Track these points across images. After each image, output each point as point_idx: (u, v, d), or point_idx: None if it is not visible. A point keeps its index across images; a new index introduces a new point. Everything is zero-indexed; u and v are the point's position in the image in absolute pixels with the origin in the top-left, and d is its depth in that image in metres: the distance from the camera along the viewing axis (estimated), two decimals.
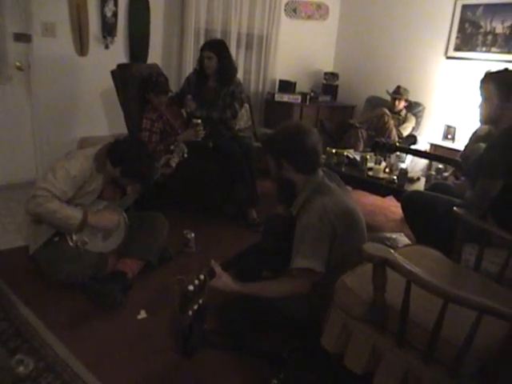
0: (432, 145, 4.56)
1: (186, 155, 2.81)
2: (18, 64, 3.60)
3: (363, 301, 1.43)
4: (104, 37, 3.96)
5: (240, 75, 3.80)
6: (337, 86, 5.52)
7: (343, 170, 3.54)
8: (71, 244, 2.23)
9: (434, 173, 3.29)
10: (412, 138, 4.51)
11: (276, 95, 4.94)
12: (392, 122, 4.43)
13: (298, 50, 5.39)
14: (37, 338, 1.93)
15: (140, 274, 2.40)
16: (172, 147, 2.82)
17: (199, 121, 3.18)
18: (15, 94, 3.69)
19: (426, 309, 1.33)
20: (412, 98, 4.67)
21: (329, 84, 5.52)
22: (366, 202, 4.13)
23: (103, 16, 3.91)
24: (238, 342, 1.92)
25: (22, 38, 3.56)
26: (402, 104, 4.57)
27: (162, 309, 2.20)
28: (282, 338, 1.92)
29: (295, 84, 5.11)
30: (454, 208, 1.93)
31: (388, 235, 3.28)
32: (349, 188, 2.85)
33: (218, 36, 4.52)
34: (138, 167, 2.32)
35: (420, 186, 3.27)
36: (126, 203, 2.45)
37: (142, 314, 2.15)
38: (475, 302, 1.15)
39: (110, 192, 2.41)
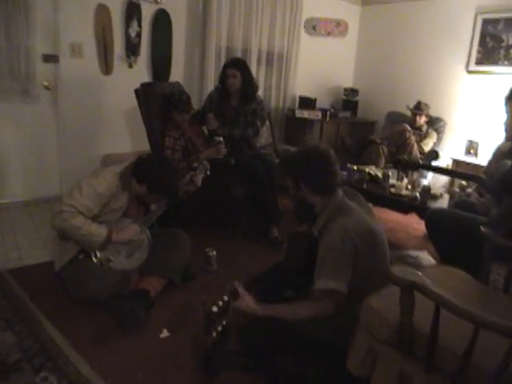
0: (454, 160, 4.51)
1: (208, 173, 2.83)
2: (45, 84, 3.71)
3: (390, 323, 1.41)
4: (128, 56, 4.05)
5: (260, 92, 3.84)
6: (357, 102, 5.53)
7: (364, 186, 3.52)
8: (95, 261, 2.26)
9: (457, 189, 3.25)
10: (433, 154, 4.47)
11: (296, 111, 4.96)
12: (413, 138, 4.39)
13: (318, 67, 5.42)
14: (61, 356, 1.95)
15: (162, 292, 2.40)
16: (195, 165, 2.85)
17: (221, 138, 3.20)
18: (42, 112, 3.79)
19: (455, 332, 1.30)
20: (433, 113, 4.64)
21: (349, 100, 5.53)
22: (388, 218, 4.08)
23: (127, 36, 4.00)
24: (260, 362, 1.91)
25: (50, 58, 3.67)
26: (423, 119, 4.55)
27: (185, 328, 2.21)
28: (307, 359, 1.90)
29: (315, 100, 5.14)
30: (481, 227, 1.89)
31: (411, 253, 3.23)
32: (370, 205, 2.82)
33: (239, 54, 4.58)
34: (163, 182, 2.35)
35: (443, 203, 3.23)
36: (149, 221, 2.47)
37: (165, 333, 2.15)
38: (506, 327, 1.12)
39: (134, 210, 2.44)
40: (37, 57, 3.59)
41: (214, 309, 1.56)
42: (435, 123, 4.69)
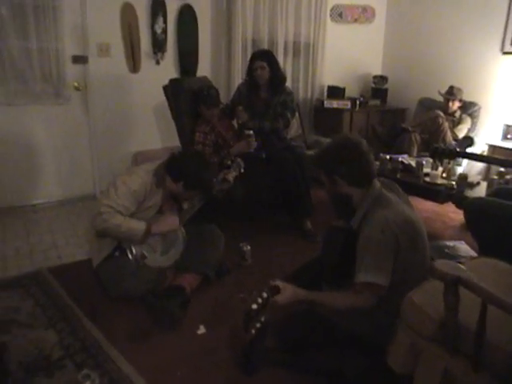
0: (490, 146, 4.37)
1: (242, 170, 2.82)
2: (75, 84, 3.78)
3: (433, 319, 1.37)
4: (155, 53, 4.07)
5: (288, 83, 3.80)
6: (386, 90, 5.40)
7: (398, 176, 3.44)
8: (131, 258, 2.28)
9: (496, 177, 3.13)
10: (468, 140, 4.32)
11: (325, 102, 4.89)
12: (446, 124, 4.27)
13: (346, 55, 5.32)
14: (101, 353, 1.98)
15: (197, 288, 2.41)
16: (229, 162, 2.84)
17: (251, 132, 3.18)
18: (73, 112, 3.87)
19: (504, 328, 1.25)
20: (466, 98, 4.48)
21: (378, 87, 5.41)
22: (422, 208, 3.98)
23: (153, 33, 4.02)
24: (298, 359, 1.89)
25: (80, 59, 3.74)
26: (456, 104, 4.40)
27: (221, 324, 2.21)
28: (345, 355, 1.87)
29: (344, 89, 5.05)
30: None
31: (448, 243, 3.14)
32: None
33: (266, 45, 4.53)
34: (198, 177, 2.35)
35: (481, 191, 3.12)
36: (183, 218, 2.48)
37: (202, 330, 2.16)
38: None
39: (168, 207, 2.45)
40: (66, 58, 3.66)
41: (254, 306, 1.56)
42: (469, 108, 4.53)
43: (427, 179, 3.33)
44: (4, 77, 3.43)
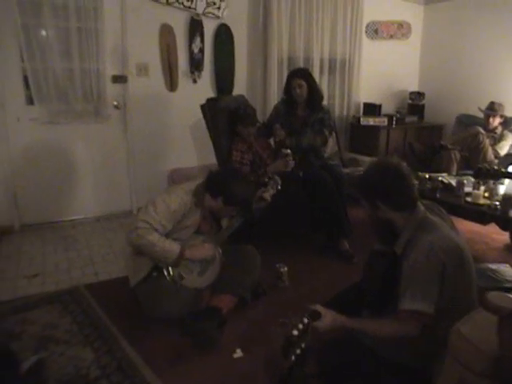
0: None
1: (279, 187, 2.78)
2: (115, 103, 3.88)
3: (485, 354, 1.29)
4: (192, 72, 4.14)
5: (324, 100, 3.77)
6: (423, 106, 5.33)
7: (438, 195, 3.34)
8: (168, 278, 2.27)
9: None
10: (511, 158, 4.18)
11: (361, 119, 4.85)
12: (487, 141, 4.15)
13: (382, 71, 5.28)
14: (137, 374, 1.97)
15: (234, 310, 2.38)
16: (266, 180, 2.81)
17: (288, 151, 3.15)
18: (112, 130, 3.96)
19: None
20: (508, 114, 4.35)
21: (415, 104, 5.35)
22: (463, 228, 3.82)
23: (191, 52, 4.09)
24: None
25: (119, 79, 3.84)
26: (498, 121, 4.28)
27: (258, 347, 2.16)
28: None
29: (380, 106, 5.00)
30: None
31: (491, 266, 3.02)
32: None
33: (301, 63, 4.55)
34: (238, 191, 2.32)
35: None
36: (221, 238, 2.46)
37: (238, 353, 2.12)
38: None
39: (206, 227, 2.44)
40: (107, 78, 3.76)
41: (295, 332, 1.51)
42: (510, 124, 4.39)
43: (469, 199, 3.21)
44: (48, 96, 3.56)
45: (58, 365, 2.02)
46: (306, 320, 1.58)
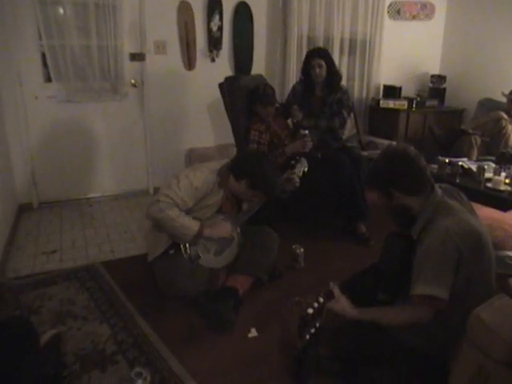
0: None
1: (306, 170, 2.74)
2: (132, 81, 3.86)
3: (505, 341, 1.26)
4: (210, 51, 4.08)
5: (343, 82, 3.69)
6: (444, 89, 5.20)
7: (457, 180, 3.27)
8: (185, 256, 2.27)
9: None
10: None
11: (381, 101, 4.76)
12: (510, 127, 4.05)
13: (403, 53, 5.15)
14: (152, 351, 1.98)
15: (250, 291, 2.38)
16: (293, 162, 2.76)
17: (306, 131, 3.11)
18: (130, 109, 3.95)
19: None
20: None
21: (436, 87, 5.21)
22: (481, 214, 3.72)
23: (209, 31, 4.03)
24: (353, 370, 1.82)
25: (137, 57, 3.81)
26: None
27: (273, 327, 2.16)
28: (402, 372, 1.77)
29: (400, 89, 4.90)
30: None
31: (510, 253, 2.98)
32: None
33: (321, 42, 4.46)
34: (262, 175, 2.29)
35: None
36: (241, 220, 2.45)
37: (253, 333, 2.12)
38: None
39: (228, 208, 2.42)
40: (124, 56, 3.73)
41: (310, 311, 1.51)
42: None
43: (489, 185, 3.14)
44: (66, 74, 3.55)
45: (75, 339, 2.05)
46: (321, 299, 1.58)
